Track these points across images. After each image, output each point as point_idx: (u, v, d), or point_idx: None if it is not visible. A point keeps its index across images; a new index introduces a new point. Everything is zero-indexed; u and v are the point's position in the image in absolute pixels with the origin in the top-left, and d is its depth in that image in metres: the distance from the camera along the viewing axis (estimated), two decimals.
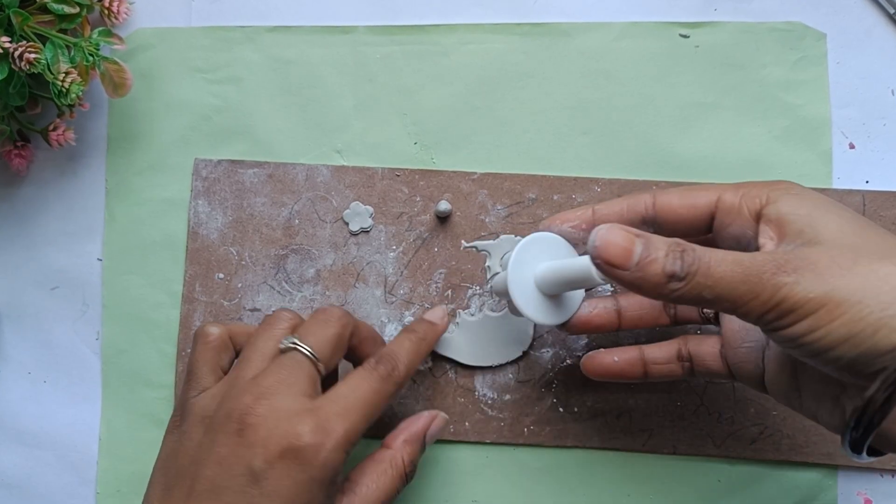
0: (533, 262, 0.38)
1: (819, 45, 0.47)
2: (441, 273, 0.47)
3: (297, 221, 0.47)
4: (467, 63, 0.48)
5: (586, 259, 0.34)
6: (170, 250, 0.48)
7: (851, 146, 0.48)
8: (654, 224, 0.37)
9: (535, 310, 0.38)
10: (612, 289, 0.45)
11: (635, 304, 0.41)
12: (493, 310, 0.46)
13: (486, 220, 0.47)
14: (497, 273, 0.40)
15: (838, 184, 0.47)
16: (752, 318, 0.30)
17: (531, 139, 0.48)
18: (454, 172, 0.47)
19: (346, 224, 0.47)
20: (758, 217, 0.34)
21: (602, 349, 0.42)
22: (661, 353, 0.41)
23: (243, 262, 0.47)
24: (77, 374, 0.48)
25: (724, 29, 0.48)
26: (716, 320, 0.41)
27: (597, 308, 0.41)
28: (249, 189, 0.47)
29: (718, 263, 0.30)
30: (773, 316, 0.29)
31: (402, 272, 0.47)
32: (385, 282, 0.47)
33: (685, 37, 0.48)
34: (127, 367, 0.47)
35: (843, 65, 0.48)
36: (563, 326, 0.40)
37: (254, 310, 0.47)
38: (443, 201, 0.46)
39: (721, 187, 0.36)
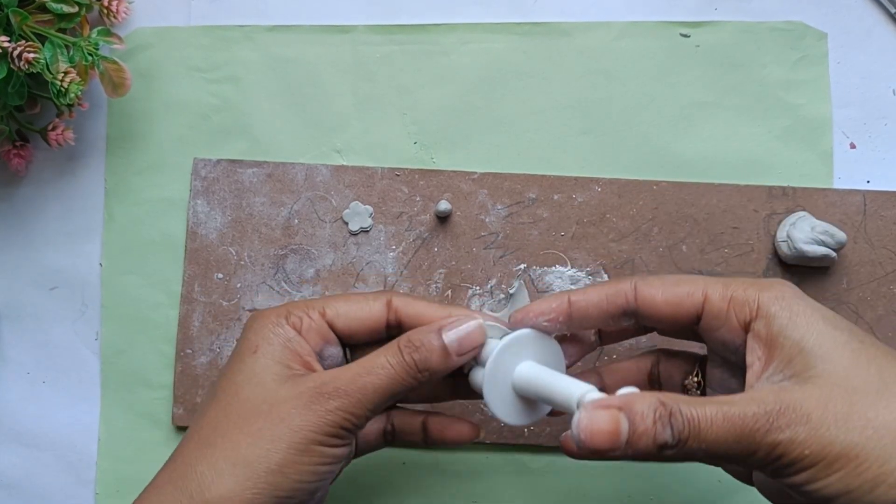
0: (511, 361, 0.35)
1: (820, 45, 0.47)
2: (441, 273, 0.47)
3: (296, 221, 0.47)
4: (467, 62, 0.48)
5: (571, 397, 0.31)
6: (169, 250, 0.47)
7: (852, 146, 0.47)
8: (636, 316, 0.35)
9: (513, 414, 0.35)
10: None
11: (619, 381, 0.38)
12: (492, 310, 0.46)
13: (487, 220, 0.47)
14: (473, 368, 0.36)
15: (839, 183, 0.47)
16: (750, 468, 0.30)
17: (531, 139, 0.47)
18: (454, 172, 0.47)
19: (346, 224, 0.47)
20: (746, 327, 0.32)
21: None
22: None
23: (242, 263, 0.47)
24: (76, 374, 0.48)
25: (724, 28, 0.47)
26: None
27: None
28: (248, 189, 0.47)
29: (710, 425, 0.28)
30: (770, 469, 0.29)
31: (401, 272, 0.47)
32: (385, 282, 0.47)
33: (686, 36, 0.48)
34: (126, 368, 0.47)
35: (844, 64, 0.48)
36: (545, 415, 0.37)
37: (252, 310, 0.46)
38: (443, 201, 0.46)
39: (707, 282, 0.33)
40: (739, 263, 0.46)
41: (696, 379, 0.37)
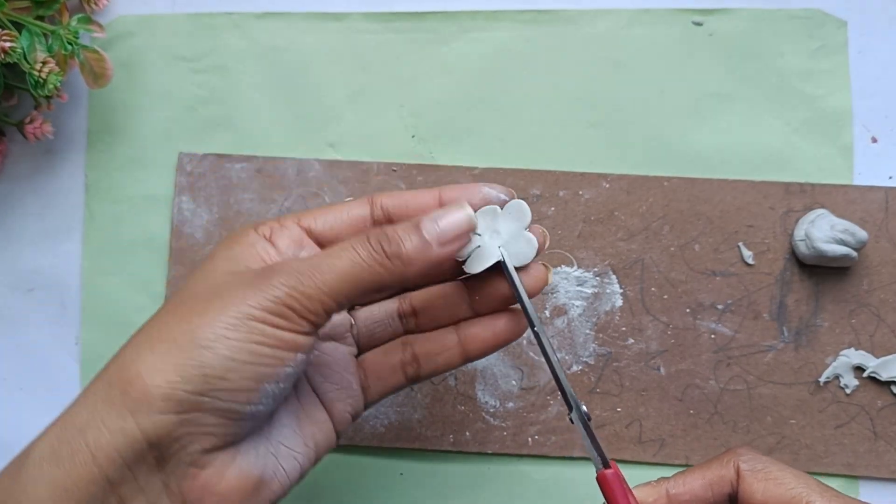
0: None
1: (840, 33, 0.47)
2: None
3: None
4: (468, 52, 0.47)
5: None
6: (152, 250, 0.47)
7: (874, 140, 0.46)
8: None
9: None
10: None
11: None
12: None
13: None
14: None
15: (860, 179, 0.46)
16: None
17: (535, 132, 0.47)
18: (454, 167, 0.46)
19: None
20: None
21: None
22: None
23: None
24: (55, 381, 0.47)
25: (739, 16, 0.47)
26: None
27: None
28: (236, 185, 0.46)
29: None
30: None
31: None
32: None
33: (699, 24, 0.47)
34: None
35: (865, 54, 0.47)
36: None
37: None
38: None
39: (810, 488, 0.33)
40: (755, 263, 0.45)
41: None
